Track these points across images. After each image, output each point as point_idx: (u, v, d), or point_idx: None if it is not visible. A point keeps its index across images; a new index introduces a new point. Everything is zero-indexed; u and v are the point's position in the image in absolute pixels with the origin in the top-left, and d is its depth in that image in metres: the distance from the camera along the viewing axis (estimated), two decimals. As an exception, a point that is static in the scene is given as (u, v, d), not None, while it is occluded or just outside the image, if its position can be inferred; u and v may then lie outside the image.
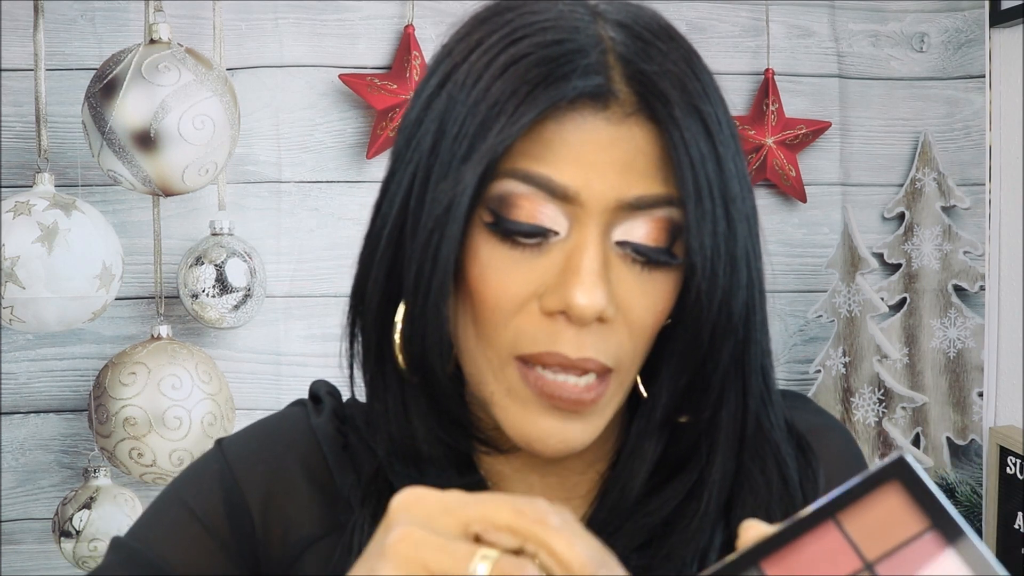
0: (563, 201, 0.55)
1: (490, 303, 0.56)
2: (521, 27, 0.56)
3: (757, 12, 1.65)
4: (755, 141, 1.61)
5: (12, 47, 1.47)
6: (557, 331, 0.55)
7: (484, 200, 0.56)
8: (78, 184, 1.45)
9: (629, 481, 0.63)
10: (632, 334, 0.57)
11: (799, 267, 1.68)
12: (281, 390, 1.55)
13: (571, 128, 0.55)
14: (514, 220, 0.55)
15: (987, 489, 1.70)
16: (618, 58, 0.56)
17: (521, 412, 0.57)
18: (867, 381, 1.69)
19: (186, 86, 1.29)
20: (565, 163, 0.55)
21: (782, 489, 0.63)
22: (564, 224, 0.56)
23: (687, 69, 0.57)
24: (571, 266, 0.55)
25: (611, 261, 0.56)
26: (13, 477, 1.52)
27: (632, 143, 0.55)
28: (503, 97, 0.54)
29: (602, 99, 0.55)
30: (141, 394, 1.34)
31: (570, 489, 0.66)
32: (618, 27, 0.57)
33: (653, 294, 0.57)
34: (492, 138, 0.54)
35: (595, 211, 0.55)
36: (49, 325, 1.31)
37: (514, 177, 0.55)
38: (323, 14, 1.56)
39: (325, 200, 1.57)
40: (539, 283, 0.56)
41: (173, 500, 0.66)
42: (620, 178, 0.55)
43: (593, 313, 0.54)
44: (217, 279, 1.42)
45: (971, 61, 1.71)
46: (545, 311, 0.56)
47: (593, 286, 0.54)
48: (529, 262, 0.56)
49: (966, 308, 1.71)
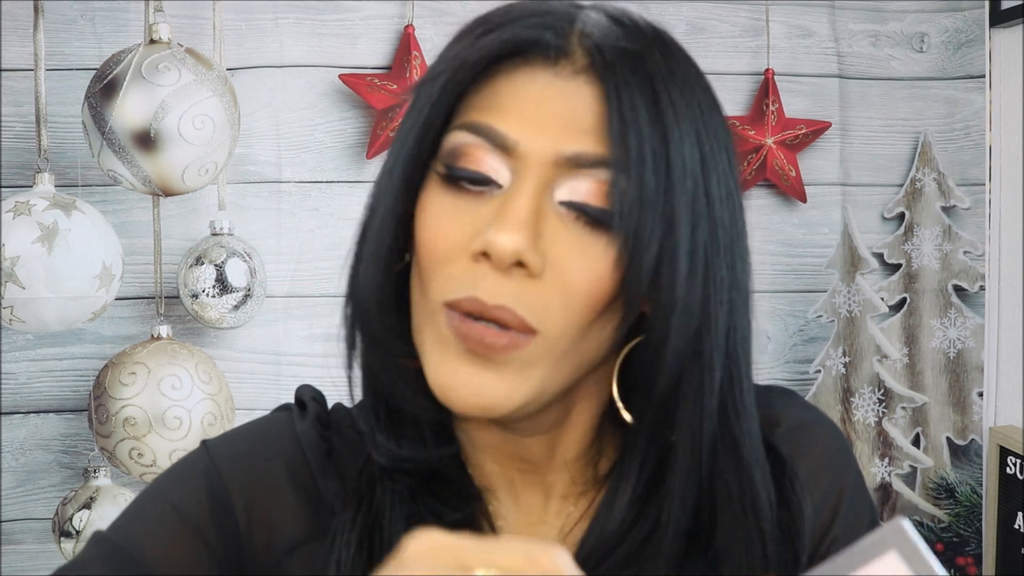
0: (504, 152, 0.56)
1: (427, 248, 0.57)
2: (503, 8, 0.60)
3: (757, 12, 1.64)
4: (755, 141, 1.61)
5: (12, 47, 1.47)
6: (479, 275, 0.55)
7: (441, 155, 0.58)
8: (78, 184, 1.45)
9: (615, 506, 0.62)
10: (564, 296, 0.56)
11: (799, 267, 1.68)
12: (281, 390, 1.55)
13: (521, 81, 0.57)
14: (461, 167, 0.57)
15: (987, 489, 1.70)
16: (581, 27, 0.58)
17: (442, 359, 0.57)
18: (867, 381, 1.69)
19: (186, 86, 1.29)
20: (509, 114, 0.56)
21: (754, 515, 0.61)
22: (507, 176, 0.57)
23: (658, 56, 0.58)
24: (501, 209, 0.55)
25: (548, 218, 0.56)
26: (13, 477, 1.52)
27: (579, 100, 0.56)
28: (464, 48, 0.58)
29: (553, 55, 0.57)
30: (141, 394, 1.34)
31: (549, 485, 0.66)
32: (602, 12, 0.59)
33: (591, 255, 0.56)
34: (441, 83, 0.58)
35: (534, 163, 0.56)
36: (49, 325, 1.31)
37: (464, 128, 0.57)
38: (323, 14, 1.56)
39: (325, 200, 1.57)
40: (474, 230, 0.56)
41: (158, 498, 0.66)
42: (561, 133, 0.56)
43: (510, 252, 0.54)
44: (217, 279, 1.42)
45: (971, 61, 1.71)
46: (471, 254, 0.56)
47: (514, 228, 0.54)
48: (470, 211, 0.57)
49: (966, 308, 1.71)
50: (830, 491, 0.67)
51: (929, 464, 1.71)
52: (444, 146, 0.58)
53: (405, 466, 0.62)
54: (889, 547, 0.42)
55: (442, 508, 0.63)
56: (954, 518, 1.72)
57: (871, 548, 0.42)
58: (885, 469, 1.71)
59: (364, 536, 0.62)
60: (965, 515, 1.71)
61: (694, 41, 1.62)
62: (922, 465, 1.71)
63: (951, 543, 1.72)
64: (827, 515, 0.67)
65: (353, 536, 0.62)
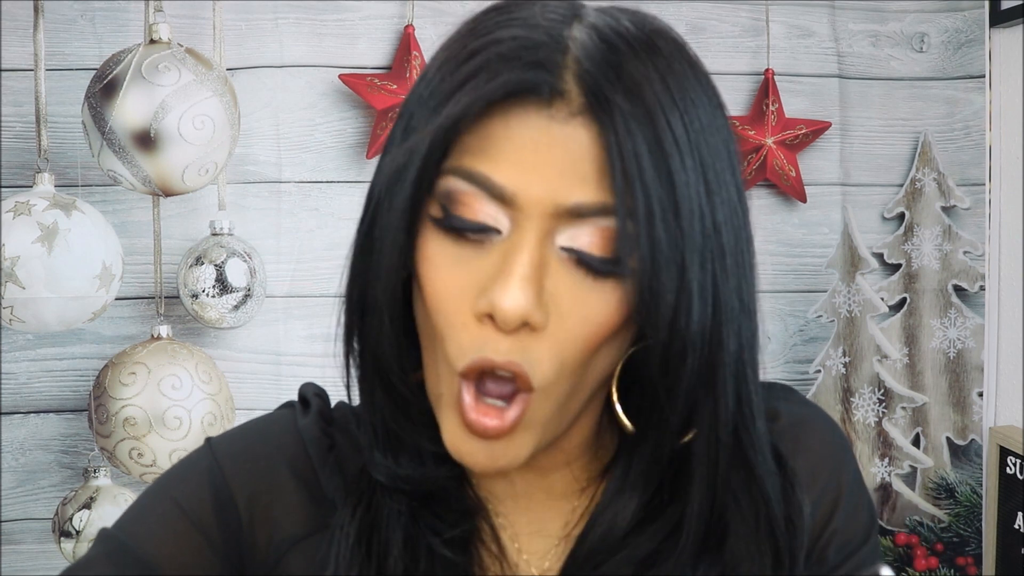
0: (501, 202, 0.54)
1: (434, 303, 0.56)
2: (490, 26, 0.56)
3: (757, 12, 1.64)
4: (755, 141, 1.61)
5: (12, 47, 1.47)
6: (486, 338, 0.54)
7: (435, 196, 0.56)
8: (78, 184, 1.45)
9: (620, 512, 0.62)
10: (561, 346, 0.55)
11: (799, 267, 1.68)
12: (281, 390, 1.55)
13: (515, 124, 0.54)
14: (457, 215, 0.55)
15: (987, 489, 1.70)
16: (574, 57, 0.54)
17: (454, 430, 0.57)
18: (867, 381, 1.69)
19: (186, 86, 1.29)
20: (505, 162, 0.54)
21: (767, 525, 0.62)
22: (506, 223, 0.55)
23: (653, 74, 0.54)
24: (504, 268, 0.54)
25: (551, 266, 0.54)
26: (13, 477, 1.52)
27: (576, 144, 0.53)
28: (453, 89, 0.55)
29: (547, 96, 0.53)
30: (141, 394, 1.34)
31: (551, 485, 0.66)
32: (591, 29, 0.55)
33: (593, 305, 0.55)
34: (435, 123, 0.54)
35: (533, 214, 0.54)
36: (49, 325, 1.31)
37: (458, 174, 0.55)
38: (323, 14, 1.56)
39: (325, 200, 1.57)
40: (476, 285, 0.55)
41: (162, 495, 0.67)
42: (559, 182, 0.53)
43: (516, 316, 0.53)
44: (217, 279, 1.42)
45: (971, 61, 1.71)
46: (476, 314, 0.55)
47: (519, 289, 0.53)
48: (472, 261, 0.55)
49: (966, 308, 1.71)
50: (828, 487, 0.67)
51: (929, 464, 1.71)
52: (438, 188, 0.56)
53: (404, 486, 0.62)
54: None
55: (441, 525, 0.63)
56: (954, 518, 1.72)
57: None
58: (885, 469, 1.71)
59: (363, 532, 0.63)
60: (965, 515, 1.71)
61: (694, 41, 1.60)
62: (922, 465, 1.71)
63: (951, 543, 1.72)
64: (825, 510, 0.67)
65: (352, 530, 0.62)
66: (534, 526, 0.66)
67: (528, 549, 0.66)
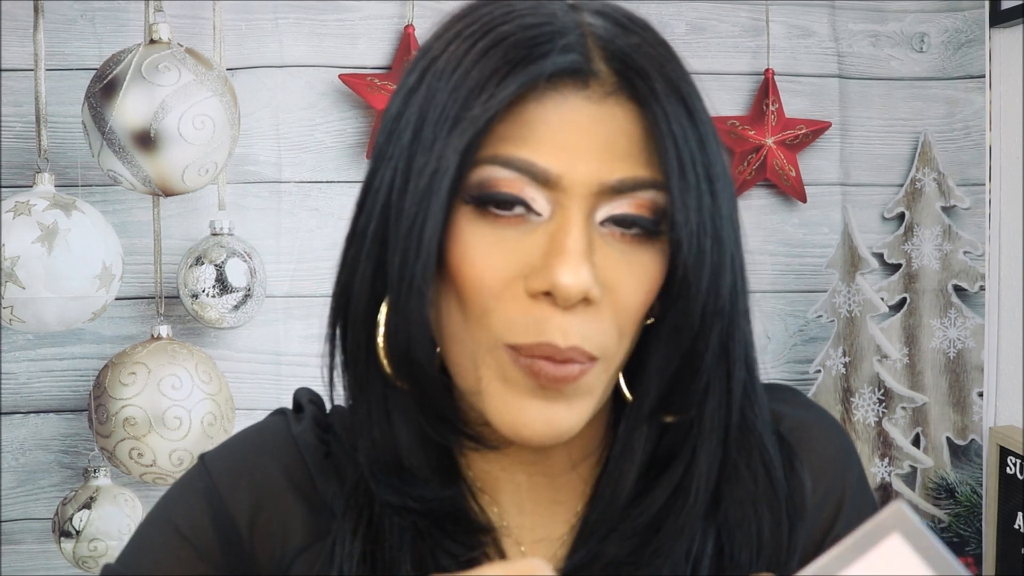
0: (544, 185, 0.55)
1: (475, 284, 0.56)
2: (500, 16, 0.56)
3: (757, 12, 1.65)
4: (755, 141, 1.61)
5: (12, 47, 1.47)
6: (544, 317, 0.55)
7: (466, 187, 0.56)
8: (78, 184, 1.45)
9: (620, 482, 0.62)
10: (618, 317, 0.57)
11: (799, 267, 1.68)
12: (281, 390, 1.55)
13: (552, 108, 0.55)
14: (495, 192, 0.55)
15: (987, 489, 1.70)
16: (597, 39, 0.56)
17: (509, 396, 0.57)
18: (867, 381, 1.69)
19: (186, 86, 1.29)
20: (546, 146, 0.55)
21: (766, 481, 0.63)
22: (547, 207, 0.55)
23: (665, 52, 0.57)
24: (555, 247, 0.54)
25: (595, 242, 0.56)
26: (13, 477, 1.52)
27: (614, 123, 0.55)
28: (483, 78, 0.54)
29: (582, 77, 0.55)
30: (141, 394, 1.34)
31: (558, 489, 0.66)
32: (595, 15, 0.57)
33: (639, 272, 0.57)
34: (473, 113, 0.54)
35: (578, 194, 0.55)
36: (49, 325, 1.31)
37: (495, 163, 0.55)
38: (323, 14, 1.56)
39: (325, 200, 1.57)
40: (523, 263, 0.55)
41: (162, 522, 0.66)
42: (602, 161, 0.55)
43: (579, 293, 0.54)
44: (217, 279, 1.42)
45: (971, 61, 1.71)
46: (531, 293, 0.55)
47: (579, 265, 0.54)
48: (513, 242, 0.55)
49: (966, 308, 1.71)
50: (832, 490, 0.67)
51: (929, 464, 1.71)
52: (471, 179, 0.55)
53: (412, 505, 0.62)
54: (891, 530, 0.42)
55: (450, 544, 0.62)
56: (954, 518, 1.72)
57: (873, 533, 0.42)
58: (885, 469, 1.71)
59: (367, 549, 0.62)
60: (965, 515, 1.71)
61: (694, 41, 1.62)
62: (922, 465, 1.71)
63: (951, 543, 1.72)
64: (830, 513, 0.67)
65: (356, 548, 0.62)
66: (539, 532, 0.66)
67: (535, 553, 0.66)
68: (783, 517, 0.63)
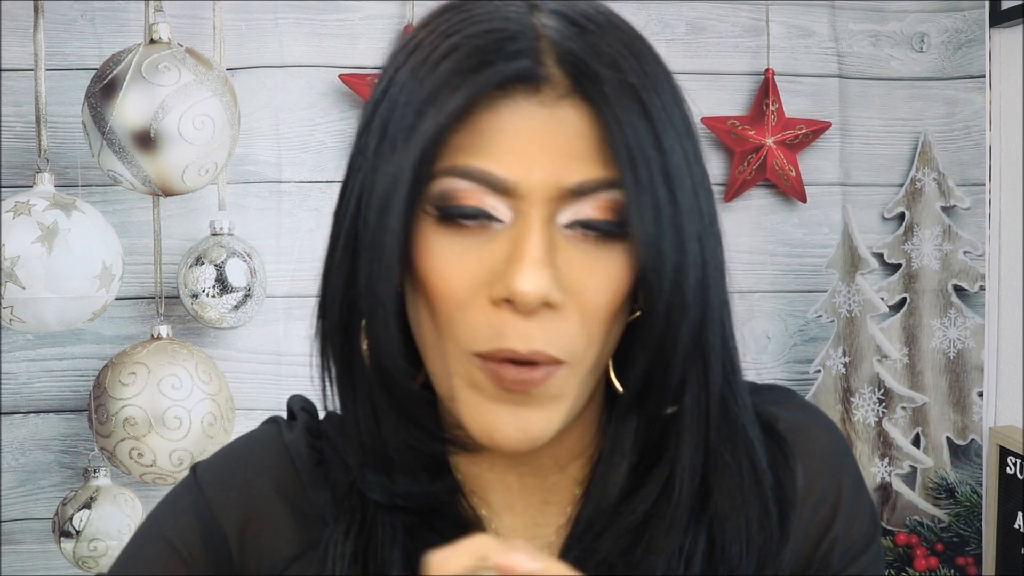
0: (503, 193, 0.55)
1: (442, 294, 0.56)
2: (457, 23, 0.57)
3: (757, 12, 1.64)
4: (755, 141, 1.61)
5: (12, 47, 1.47)
6: (505, 323, 0.55)
7: (428, 198, 0.56)
8: (78, 184, 1.45)
9: (610, 479, 0.63)
10: (585, 319, 0.56)
11: (799, 267, 1.68)
12: (281, 390, 1.55)
13: (506, 115, 0.55)
14: (459, 205, 0.56)
15: (987, 489, 1.70)
16: (550, 42, 0.55)
17: (481, 404, 0.57)
18: (867, 381, 1.69)
19: (186, 86, 1.29)
20: (502, 153, 0.55)
21: (752, 473, 0.63)
22: (508, 214, 0.55)
23: (624, 51, 0.56)
24: (515, 253, 0.55)
25: (558, 245, 0.55)
26: (13, 477, 1.52)
27: (568, 126, 0.55)
28: (435, 89, 0.55)
29: (533, 82, 0.55)
30: (141, 394, 1.34)
31: (548, 490, 0.66)
32: (553, 15, 0.57)
33: (604, 272, 0.56)
34: (425, 126, 0.54)
35: (536, 200, 0.55)
36: (49, 325, 1.31)
37: (453, 174, 0.55)
38: (323, 14, 1.56)
39: (325, 200, 1.57)
40: (487, 271, 0.55)
41: (152, 535, 0.67)
42: (559, 164, 0.55)
43: (537, 299, 0.54)
44: (217, 279, 1.42)
45: (971, 61, 1.71)
46: (492, 300, 0.55)
47: (536, 271, 0.54)
48: (477, 250, 0.56)
49: (966, 308, 1.71)
50: (827, 491, 0.67)
51: (929, 464, 1.71)
52: (431, 191, 0.56)
53: (401, 503, 0.62)
54: None
55: (440, 542, 0.62)
56: (954, 518, 1.72)
57: None
58: (885, 469, 1.71)
59: (358, 551, 0.62)
60: (965, 515, 1.71)
61: (694, 41, 1.62)
62: (922, 465, 1.71)
63: (951, 543, 1.72)
64: (826, 514, 0.67)
65: (347, 550, 0.62)
66: (531, 531, 0.66)
67: None
68: (770, 507, 0.63)
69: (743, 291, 1.62)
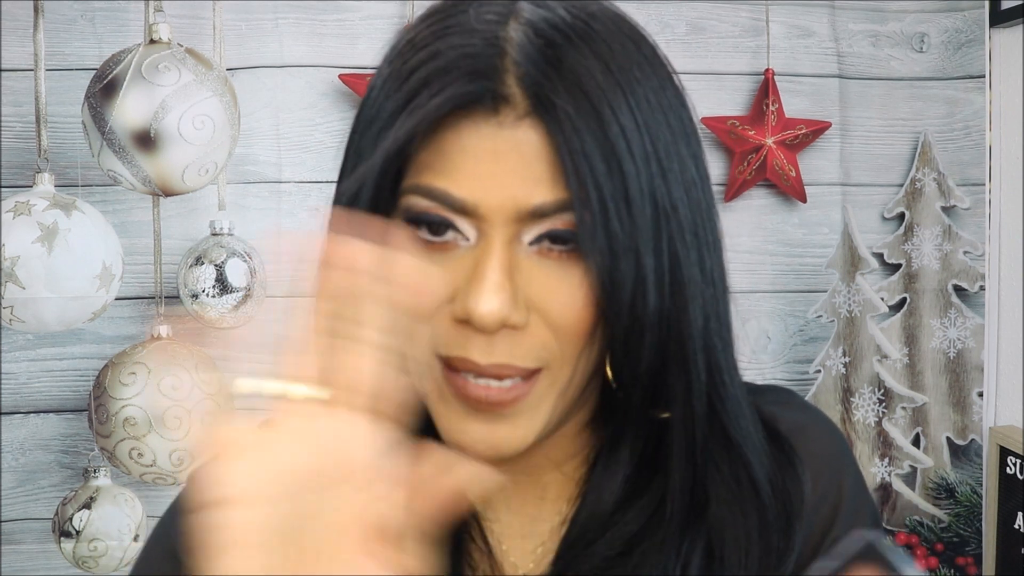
0: (464, 214, 0.55)
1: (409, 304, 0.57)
2: (427, 35, 0.57)
3: (757, 12, 1.64)
4: (755, 141, 1.61)
5: (12, 47, 1.47)
6: (467, 337, 0.55)
7: (398, 213, 0.57)
8: (78, 184, 1.45)
9: (606, 486, 0.63)
10: (556, 331, 0.56)
11: (799, 267, 1.68)
12: (281, 390, 1.55)
13: (466, 136, 0.55)
14: (424, 222, 0.56)
15: (987, 489, 1.70)
16: (512, 61, 0.54)
17: (450, 416, 0.57)
18: (867, 381, 1.69)
19: (186, 86, 1.29)
20: (462, 175, 0.54)
21: (748, 483, 0.63)
22: (472, 232, 0.56)
23: (595, 65, 0.55)
24: (475, 274, 0.55)
25: (520, 265, 0.55)
26: (13, 477, 1.52)
27: (528, 147, 0.54)
28: (397, 108, 0.55)
29: (491, 103, 0.54)
30: (141, 394, 1.34)
31: (544, 487, 0.66)
32: (526, 26, 0.55)
33: (567, 290, 0.56)
34: (384, 145, 0.55)
35: (497, 221, 0.55)
36: (49, 325, 1.31)
37: (417, 192, 0.56)
38: (323, 14, 1.56)
39: (325, 200, 1.56)
40: (451, 287, 0.56)
41: (158, 549, 0.67)
42: (518, 187, 0.54)
43: (493, 322, 0.54)
44: (217, 279, 1.42)
45: (971, 61, 1.71)
46: (455, 318, 0.55)
47: (492, 295, 0.54)
48: (443, 266, 0.56)
49: (966, 308, 1.71)
50: (829, 491, 0.67)
51: (929, 464, 1.71)
52: (400, 206, 0.56)
53: None
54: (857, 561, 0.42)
55: None
56: (954, 518, 1.72)
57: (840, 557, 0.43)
58: (885, 469, 1.71)
59: None
60: (965, 515, 1.71)
61: (694, 41, 1.62)
62: (922, 465, 1.71)
63: (951, 543, 1.72)
64: (827, 515, 0.67)
65: None
66: (527, 528, 0.66)
67: (519, 550, 0.66)
68: (769, 517, 0.63)
69: (743, 291, 1.62)
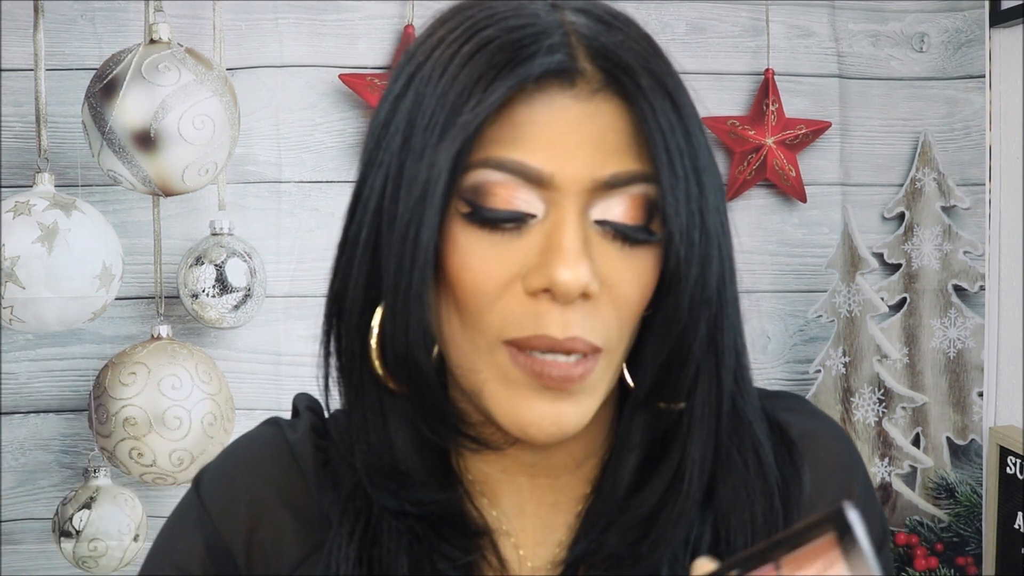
0: (538, 185, 0.55)
1: (472, 289, 0.56)
2: (483, 19, 0.57)
3: (757, 12, 1.65)
4: (755, 141, 1.61)
5: (12, 47, 1.47)
6: (542, 312, 0.55)
7: (459, 192, 0.56)
8: (78, 184, 1.45)
9: (619, 474, 0.63)
10: (618, 311, 0.57)
11: (799, 267, 1.68)
12: (281, 390, 1.55)
13: (540, 109, 0.55)
14: (491, 208, 0.56)
15: (987, 489, 1.70)
16: (580, 37, 0.56)
17: (513, 397, 0.57)
18: (867, 381, 1.69)
19: (186, 86, 1.29)
20: (537, 146, 0.55)
21: (757, 467, 0.63)
22: (540, 207, 0.56)
23: (648, 48, 0.58)
24: (552, 244, 0.55)
25: (591, 239, 0.56)
26: (13, 477, 1.52)
27: (602, 119, 0.56)
28: (470, 82, 0.55)
29: (568, 76, 0.55)
30: (141, 394, 1.34)
31: (559, 490, 0.66)
32: (577, 13, 0.58)
33: (636, 269, 0.57)
34: (463, 119, 0.54)
35: (571, 192, 0.55)
36: (49, 325, 1.31)
37: (487, 166, 0.55)
38: (323, 14, 1.56)
39: (325, 200, 1.57)
40: (520, 264, 0.56)
41: (161, 560, 0.67)
42: (593, 157, 0.55)
43: (578, 288, 0.54)
44: (217, 279, 1.42)
45: (971, 61, 1.71)
46: (529, 291, 0.55)
47: (576, 261, 0.54)
48: (508, 244, 0.56)
49: (966, 308, 1.71)
50: (838, 497, 0.67)
51: (929, 464, 1.71)
52: (464, 183, 0.56)
53: (410, 509, 0.62)
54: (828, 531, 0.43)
55: (448, 548, 0.62)
56: (954, 518, 1.72)
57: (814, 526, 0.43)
58: (885, 469, 1.71)
59: (363, 553, 0.62)
60: (965, 515, 1.71)
61: (694, 41, 1.62)
62: (922, 465, 1.71)
63: (951, 543, 1.72)
64: None
65: (352, 552, 0.62)
66: (541, 535, 0.66)
67: (534, 556, 0.66)
68: (775, 502, 0.63)
69: (743, 291, 1.62)
